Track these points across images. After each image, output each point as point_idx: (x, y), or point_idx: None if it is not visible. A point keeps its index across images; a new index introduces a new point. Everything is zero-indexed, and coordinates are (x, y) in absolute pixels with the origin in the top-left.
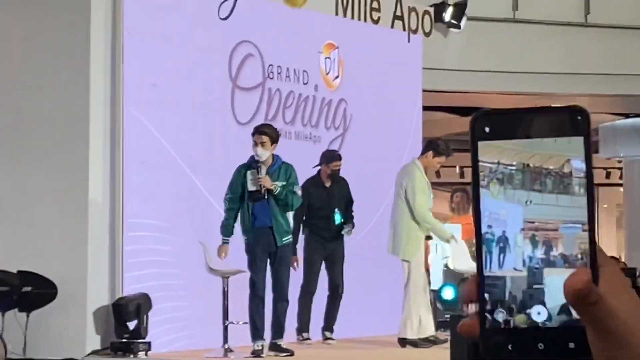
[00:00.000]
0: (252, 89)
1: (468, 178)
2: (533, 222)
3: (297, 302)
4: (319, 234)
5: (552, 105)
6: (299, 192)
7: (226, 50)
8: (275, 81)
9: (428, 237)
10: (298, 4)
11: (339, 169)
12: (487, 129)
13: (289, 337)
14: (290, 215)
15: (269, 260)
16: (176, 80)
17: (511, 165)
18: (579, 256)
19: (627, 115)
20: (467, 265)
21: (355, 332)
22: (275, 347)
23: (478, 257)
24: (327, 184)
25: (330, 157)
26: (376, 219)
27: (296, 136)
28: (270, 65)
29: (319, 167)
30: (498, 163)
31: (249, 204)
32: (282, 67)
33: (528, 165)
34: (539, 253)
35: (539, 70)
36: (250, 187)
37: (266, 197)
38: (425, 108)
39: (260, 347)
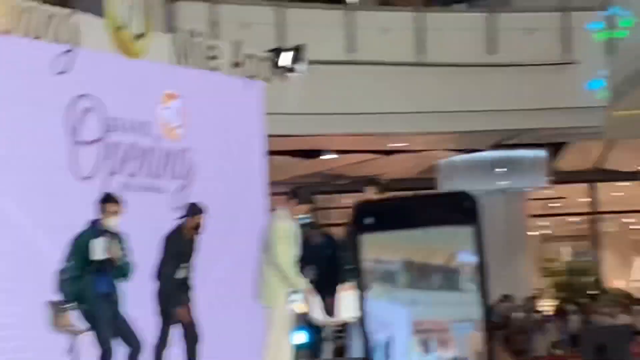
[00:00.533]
0: (92, 142)
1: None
2: (422, 324)
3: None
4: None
5: (436, 192)
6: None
7: (64, 105)
8: (117, 133)
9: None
10: (135, 54)
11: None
12: (369, 220)
13: None
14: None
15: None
16: (12, 137)
17: (393, 261)
18: (473, 359)
19: (464, 151)
20: (321, 315)
21: None
22: None
23: None
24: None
25: (195, 209)
26: (224, 268)
27: (140, 188)
28: (111, 117)
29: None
30: (380, 261)
31: (92, 272)
32: (122, 119)
33: (412, 262)
34: (431, 359)
35: (377, 110)
36: (98, 256)
37: (111, 267)
38: (269, 153)
39: None
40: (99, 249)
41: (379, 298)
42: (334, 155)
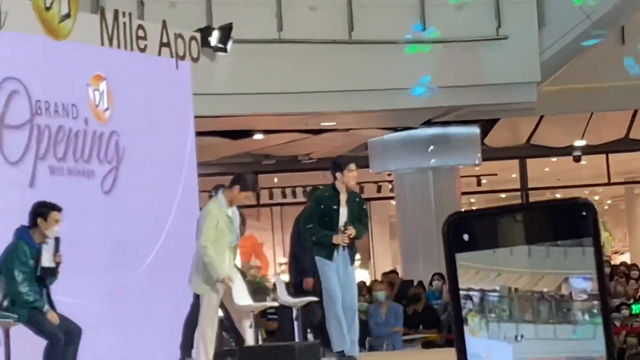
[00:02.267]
0: (20, 126)
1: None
2: None
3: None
4: None
5: (546, 200)
6: None
7: None
8: (44, 117)
9: None
10: (62, 36)
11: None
12: (465, 237)
13: None
14: None
15: None
16: None
17: (493, 291)
18: None
19: (395, 129)
20: (248, 301)
21: None
22: None
23: None
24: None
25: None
26: (154, 254)
27: (69, 172)
28: (38, 101)
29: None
30: (476, 290)
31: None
32: (50, 102)
33: (515, 289)
34: None
35: (306, 89)
36: (46, 264)
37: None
38: (197, 134)
39: None
40: (46, 257)
41: (477, 333)
42: (263, 136)
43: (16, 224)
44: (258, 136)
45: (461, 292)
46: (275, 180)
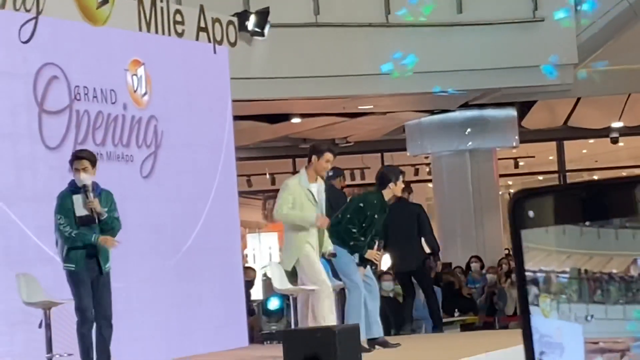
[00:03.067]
0: (59, 112)
1: (280, 185)
2: (597, 343)
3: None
4: None
5: (613, 178)
6: (119, 218)
7: (30, 74)
8: (83, 102)
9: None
10: (100, 22)
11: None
12: (531, 214)
13: None
14: None
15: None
16: None
17: (563, 272)
18: None
19: (432, 112)
20: (286, 285)
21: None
22: None
23: None
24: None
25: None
26: (193, 237)
27: (108, 157)
28: (77, 86)
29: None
30: (547, 271)
31: (78, 227)
32: (88, 88)
33: (585, 270)
34: None
35: (342, 73)
36: (80, 212)
37: (96, 221)
38: (235, 118)
39: None
40: (78, 205)
41: (548, 314)
42: (300, 119)
43: None
44: (296, 120)
45: (529, 274)
46: None
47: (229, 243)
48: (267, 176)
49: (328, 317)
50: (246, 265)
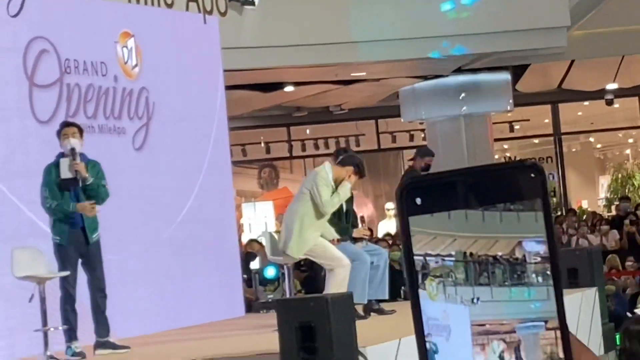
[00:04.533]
0: (49, 85)
1: (274, 154)
2: (483, 325)
3: None
4: None
5: (496, 164)
6: (108, 187)
7: (19, 49)
8: (73, 75)
9: None
10: None
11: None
12: (418, 201)
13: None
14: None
15: (80, 259)
16: None
17: (449, 255)
18: None
19: (425, 78)
20: (280, 255)
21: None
22: (108, 345)
23: None
24: None
25: (425, 152)
26: (187, 208)
27: (100, 130)
28: (67, 59)
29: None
30: (433, 255)
31: (63, 194)
32: (78, 61)
33: (470, 253)
34: None
35: (335, 40)
36: (65, 175)
37: (80, 185)
38: (228, 87)
39: (80, 349)
40: (64, 168)
41: (434, 297)
42: (293, 88)
43: None
44: (289, 88)
45: (417, 257)
46: (307, 131)
47: (223, 214)
48: (262, 145)
49: (342, 284)
50: (250, 238)
